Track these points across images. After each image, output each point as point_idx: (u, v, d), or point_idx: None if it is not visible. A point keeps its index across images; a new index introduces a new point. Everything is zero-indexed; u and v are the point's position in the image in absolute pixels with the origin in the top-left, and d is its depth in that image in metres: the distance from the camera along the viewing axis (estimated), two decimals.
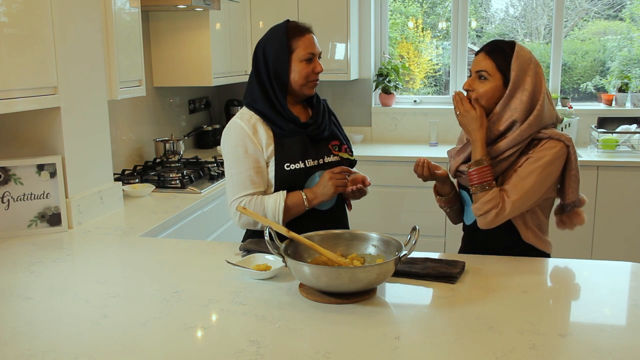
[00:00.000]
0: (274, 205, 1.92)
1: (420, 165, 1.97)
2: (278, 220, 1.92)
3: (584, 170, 3.84)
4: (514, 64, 1.81)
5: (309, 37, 1.99)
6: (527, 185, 1.80)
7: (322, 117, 2.06)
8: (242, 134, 1.96)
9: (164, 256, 2.00)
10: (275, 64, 1.96)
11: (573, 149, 1.83)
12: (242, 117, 2.00)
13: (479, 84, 1.86)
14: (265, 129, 1.98)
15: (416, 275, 1.69)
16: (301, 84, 1.98)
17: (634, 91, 4.39)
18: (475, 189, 1.84)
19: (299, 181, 1.98)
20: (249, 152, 1.96)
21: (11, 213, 2.22)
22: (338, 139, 2.10)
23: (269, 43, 1.98)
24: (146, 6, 3.28)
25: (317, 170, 2.00)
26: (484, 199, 1.81)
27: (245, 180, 1.96)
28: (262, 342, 1.33)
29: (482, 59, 1.85)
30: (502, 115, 1.84)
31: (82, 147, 2.41)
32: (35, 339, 1.38)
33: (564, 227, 2.00)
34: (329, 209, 2.05)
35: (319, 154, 2.03)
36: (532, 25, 4.98)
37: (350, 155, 2.09)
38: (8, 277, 1.80)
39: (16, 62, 2.01)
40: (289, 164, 1.96)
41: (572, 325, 1.47)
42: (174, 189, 3.00)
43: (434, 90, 5.04)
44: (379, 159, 4.11)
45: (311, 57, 1.97)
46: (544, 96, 1.82)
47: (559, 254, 2.01)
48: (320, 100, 2.12)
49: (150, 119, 3.75)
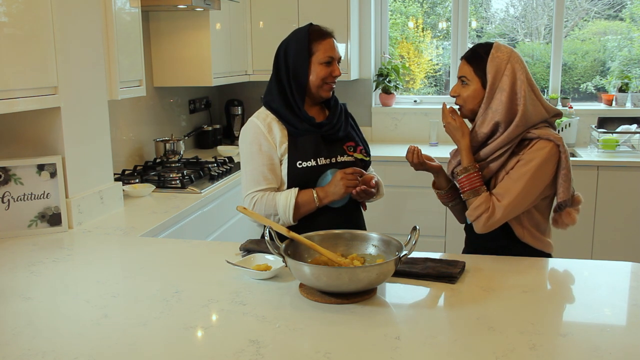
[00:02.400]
0: (285, 202, 1.98)
1: (411, 152, 2.02)
2: (288, 216, 1.98)
3: (584, 170, 3.86)
4: (489, 66, 1.86)
5: (330, 41, 2.05)
6: (518, 188, 1.82)
7: (337, 119, 2.11)
8: (257, 132, 2.04)
9: (164, 256, 2.01)
10: (295, 64, 2.02)
11: (564, 148, 1.85)
12: (258, 116, 2.08)
13: (462, 89, 1.93)
14: (280, 128, 2.05)
15: (416, 275, 1.69)
16: (318, 86, 2.04)
17: (634, 91, 4.39)
18: (466, 195, 1.88)
19: (310, 179, 2.03)
20: (263, 149, 2.03)
21: (11, 213, 2.23)
22: (354, 140, 2.14)
23: (291, 44, 2.05)
24: (146, 6, 3.28)
25: (329, 168, 2.04)
26: (474, 204, 1.86)
27: (258, 177, 2.02)
28: (262, 342, 1.33)
29: (462, 65, 1.94)
30: (485, 117, 1.88)
31: (82, 147, 2.41)
32: (35, 339, 1.38)
33: (557, 226, 2.01)
34: (341, 208, 2.07)
35: (332, 153, 2.07)
36: (532, 25, 4.98)
37: (364, 157, 2.13)
38: (8, 277, 1.80)
39: (16, 62, 2.01)
40: (301, 162, 2.01)
41: (572, 325, 1.47)
42: (174, 189, 3.00)
43: (434, 90, 5.04)
44: (379, 159, 4.11)
45: (330, 60, 2.04)
46: (525, 94, 1.84)
47: (559, 254, 2.01)
48: (338, 103, 2.17)
49: (151, 119, 3.75)
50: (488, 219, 1.84)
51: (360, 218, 2.19)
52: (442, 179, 2.06)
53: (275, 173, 2.04)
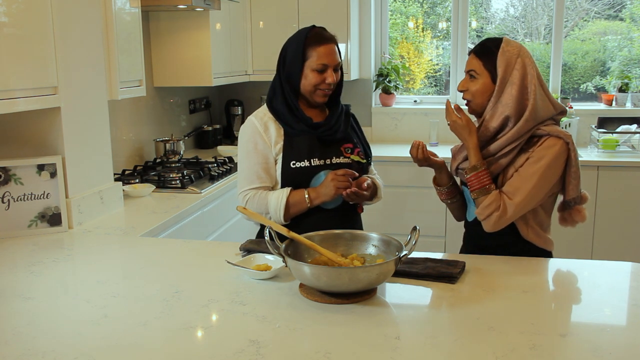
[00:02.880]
0: (277, 202, 1.98)
1: (415, 147, 1.99)
2: (279, 215, 1.98)
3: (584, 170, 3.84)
4: (500, 60, 1.84)
5: (328, 47, 2.00)
6: (529, 186, 1.81)
7: (336, 120, 2.09)
8: (254, 131, 2.05)
9: (164, 256, 2.01)
10: (289, 67, 2.02)
11: (573, 146, 1.84)
12: (257, 115, 2.09)
13: (471, 84, 1.91)
14: (276, 127, 2.05)
15: (416, 275, 1.69)
16: (310, 92, 2.03)
17: (634, 91, 4.39)
18: (476, 194, 1.86)
19: (304, 179, 2.02)
20: (258, 148, 2.04)
21: (11, 213, 2.23)
22: (352, 142, 2.12)
23: (290, 45, 2.05)
24: (146, 6, 3.28)
25: (323, 169, 2.03)
26: (484, 203, 1.84)
27: (252, 175, 2.03)
28: (262, 342, 1.33)
29: (471, 59, 1.92)
30: (494, 111, 1.86)
31: (82, 147, 2.41)
32: (35, 339, 1.38)
33: (566, 224, 2.01)
34: (335, 209, 2.06)
35: (327, 155, 2.06)
36: (532, 25, 4.98)
37: (362, 159, 2.11)
38: (8, 277, 1.80)
39: (16, 62, 2.01)
40: (295, 162, 2.01)
41: (572, 325, 1.47)
42: (174, 189, 3.00)
43: (434, 90, 5.04)
44: (379, 159, 4.09)
45: (323, 68, 2.00)
46: (536, 89, 1.83)
47: (560, 254, 2.01)
48: (340, 104, 2.15)
49: (151, 119, 3.75)
50: (499, 218, 1.82)
51: (357, 221, 2.17)
52: (444, 176, 2.05)
53: (269, 172, 2.04)
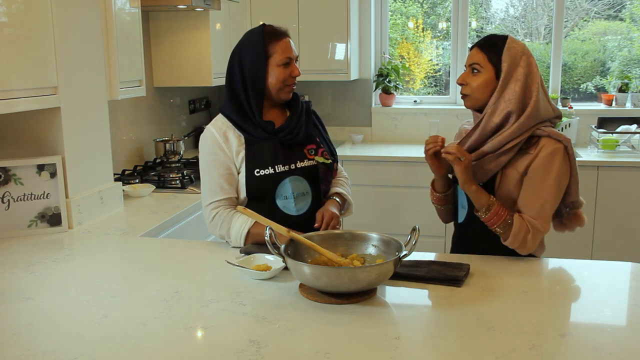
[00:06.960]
0: (238, 230, 1.95)
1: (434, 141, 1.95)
2: (239, 242, 1.96)
3: (584, 171, 3.85)
4: (505, 56, 1.83)
5: (286, 41, 1.97)
6: (548, 206, 1.81)
7: (296, 122, 2.03)
8: (213, 141, 1.99)
9: (164, 256, 2.01)
10: (252, 69, 1.95)
11: (571, 150, 1.84)
12: (215, 124, 2.02)
13: (472, 78, 1.88)
14: (236, 136, 1.99)
15: (422, 279, 1.68)
16: (278, 89, 1.97)
17: (634, 91, 4.39)
18: (500, 229, 1.82)
19: (269, 188, 1.97)
20: (218, 159, 1.98)
21: (11, 213, 2.22)
22: (315, 143, 2.07)
23: (245, 48, 1.97)
24: (146, 6, 3.27)
25: (288, 175, 1.98)
26: (513, 232, 1.80)
27: (214, 187, 1.98)
28: (262, 342, 1.33)
29: (475, 52, 1.89)
30: (497, 106, 1.84)
31: (82, 147, 2.41)
32: (35, 339, 1.38)
33: (564, 229, 2.00)
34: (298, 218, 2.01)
35: (291, 159, 2.00)
36: (532, 25, 4.99)
37: (326, 159, 2.06)
38: (8, 277, 1.80)
39: (16, 62, 2.01)
40: (258, 170, 1.96)
41: (572, 325, 1.47)
42: (174, 189, 3.00)
43: (434, 90, 5.04)
44: (379, 159, 4.11)
45: (288, 61, 1.96)
46: (538, 87, 1.83)
47: (559, 254, 2.01)
48: (300, 103, 2.09)
49: (151, 119, 3.75)
50: (534, 237, 1.80)
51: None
52: (443, 183, 2.04)
53: (231, 183, 1.99)
